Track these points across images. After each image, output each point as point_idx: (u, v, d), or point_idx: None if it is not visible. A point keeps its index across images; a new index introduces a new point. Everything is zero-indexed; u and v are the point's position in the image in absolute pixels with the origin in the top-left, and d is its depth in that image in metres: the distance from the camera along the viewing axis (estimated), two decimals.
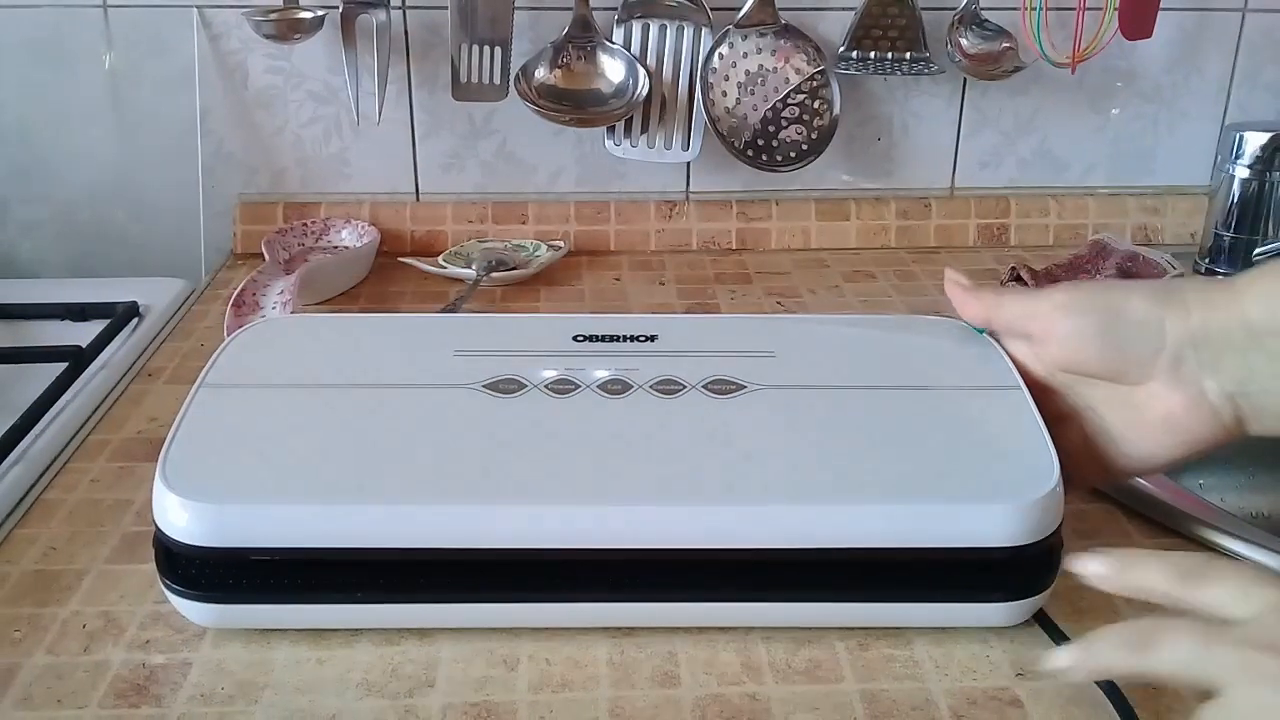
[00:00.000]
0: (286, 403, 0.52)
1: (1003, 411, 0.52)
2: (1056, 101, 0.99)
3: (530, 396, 0.52)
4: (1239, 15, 0.98)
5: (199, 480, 0.47)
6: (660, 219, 0.98)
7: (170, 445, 0.49)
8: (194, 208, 0.96)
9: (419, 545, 0.46)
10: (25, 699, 0.46)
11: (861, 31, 0.93)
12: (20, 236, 0.97)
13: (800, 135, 0.93)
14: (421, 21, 0.92)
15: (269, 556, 0.47)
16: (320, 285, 0.86)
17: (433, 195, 0.98)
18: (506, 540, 0.46)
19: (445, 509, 0.46)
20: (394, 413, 0.51)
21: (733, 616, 0.50)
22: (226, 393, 0.53)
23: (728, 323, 0.62)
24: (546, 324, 0.60)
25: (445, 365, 0.55)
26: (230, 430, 0.51)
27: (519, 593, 0.48)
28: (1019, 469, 0.48)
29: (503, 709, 0.46)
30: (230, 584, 0.48)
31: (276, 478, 0.47)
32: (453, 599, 0.48)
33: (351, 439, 0.50)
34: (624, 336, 0.57)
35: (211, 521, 0.46)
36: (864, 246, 0.99)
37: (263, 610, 0.49)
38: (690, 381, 0.53)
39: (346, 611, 0.49)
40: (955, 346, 0.57)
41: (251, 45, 0.92)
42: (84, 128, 0.94)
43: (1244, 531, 0.56)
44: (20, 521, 0.59)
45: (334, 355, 0.56)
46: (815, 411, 0.52)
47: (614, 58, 0.92)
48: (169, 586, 0.48)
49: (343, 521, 0.46)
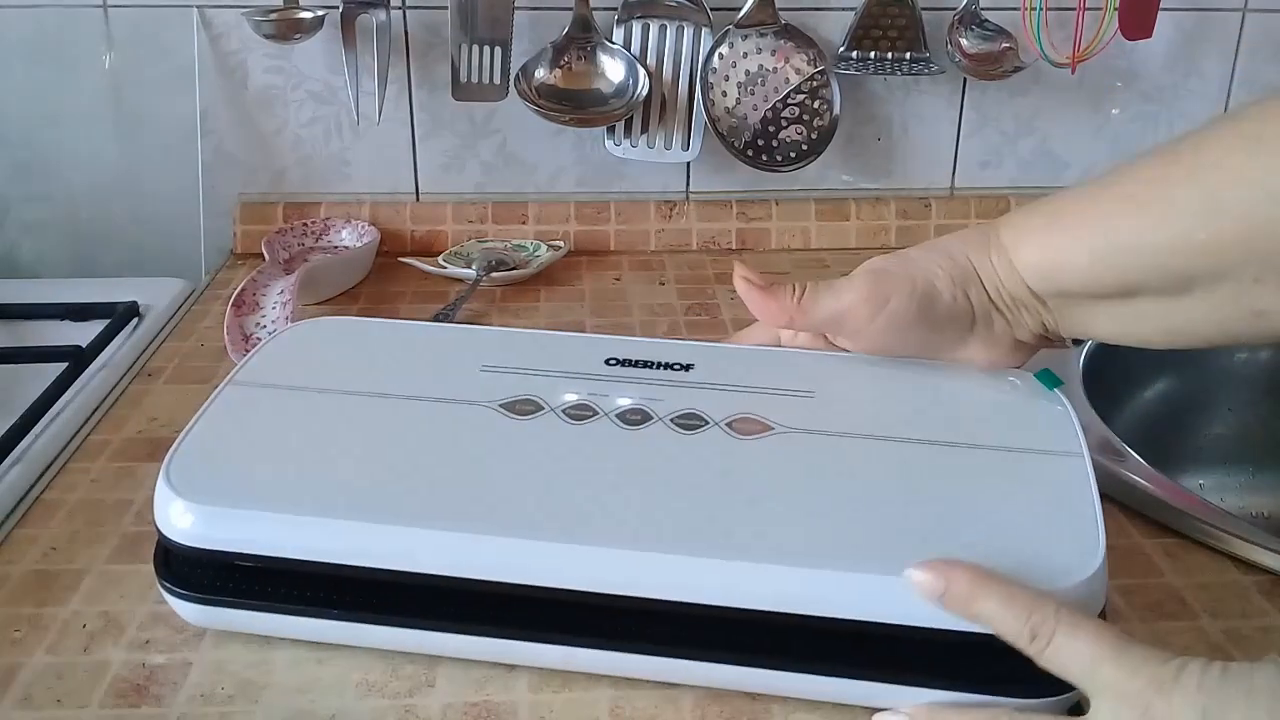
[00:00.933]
0: (304, 408, 0.52)
1: (1057, 481, 0.46)
2: (1057, 101, 0.99)
3: (544, 420, 0.50)
4: (1239, 15, 0.98)
5: (199, 480, 0.47)
6: (660, 219, 0.98)
7: (181, 442, 0.49)
8: (194, 208, 0.96)
9: (398, 568, 0.44)
10: (25, 699, 0.46)
11: (861, 31, 0.93)
12: (20, 236, 0.97)
13: (800, 135, 0.93)
14: (421, 21, 0.92)
15: (253, 564, 0.46)
16: (320, 285, 0.86)
17: (433, 195, 0.98)
18: (480, 571, 0.44)
19: (428, 534, 0.44)
20: (405, 427, 0.50)
21: (720, 678, 0.46)
22: (250, 393, 0.53)
23: (770, 355, 0.56)
24: (583, 343, 0.57)
25: (469, 380, 0.53)
26: (241, 432, 0.50)
27: (499, 626, 0.46)
28: (1061, 550, 0.43)
29: (503, 709, 0.46)
30: (220, 589, 0.47)
31: (267, 485, 0.47)
32: (431, 626, 0.46)
33: (358, 452, 0.49)
34: (658, 363, 0.54)
35: (202, 523, 0.46)
36: (864, 247, 0.99)
37: (254, 618, 0.48)
38: (714, 418, 0.50)
39: (329, 628, 0.47)
40: (1019, 401, 0.52)
41: (251, 45, 0.92)
42: (84, 128, 0.94)
43: (1244, 531, 0.56)
44: (20, 521, 0.59)
45: (366, 361, 0.56)
46: (841, 463, 0.48)
47: (614, 58, 0.92)
48: (165, 587, 0.48)
49: (323, 536, 0.45)
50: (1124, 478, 0.60)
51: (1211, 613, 0.52)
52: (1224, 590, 0.53)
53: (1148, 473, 0.60)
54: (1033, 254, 0.50)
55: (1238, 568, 0.55)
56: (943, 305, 0.51)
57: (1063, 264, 0.49)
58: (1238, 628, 0.51)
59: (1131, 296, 0.48)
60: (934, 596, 0.41)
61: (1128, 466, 0.61)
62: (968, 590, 0.40)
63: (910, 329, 0.52)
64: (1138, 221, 0.46)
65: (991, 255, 0.51)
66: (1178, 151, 0.46)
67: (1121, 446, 0.63)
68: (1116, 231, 0.47)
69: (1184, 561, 0.55)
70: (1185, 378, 0.86)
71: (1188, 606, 0.52)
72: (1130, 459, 0.62)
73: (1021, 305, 0.51)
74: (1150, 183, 0.46)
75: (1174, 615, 0.52)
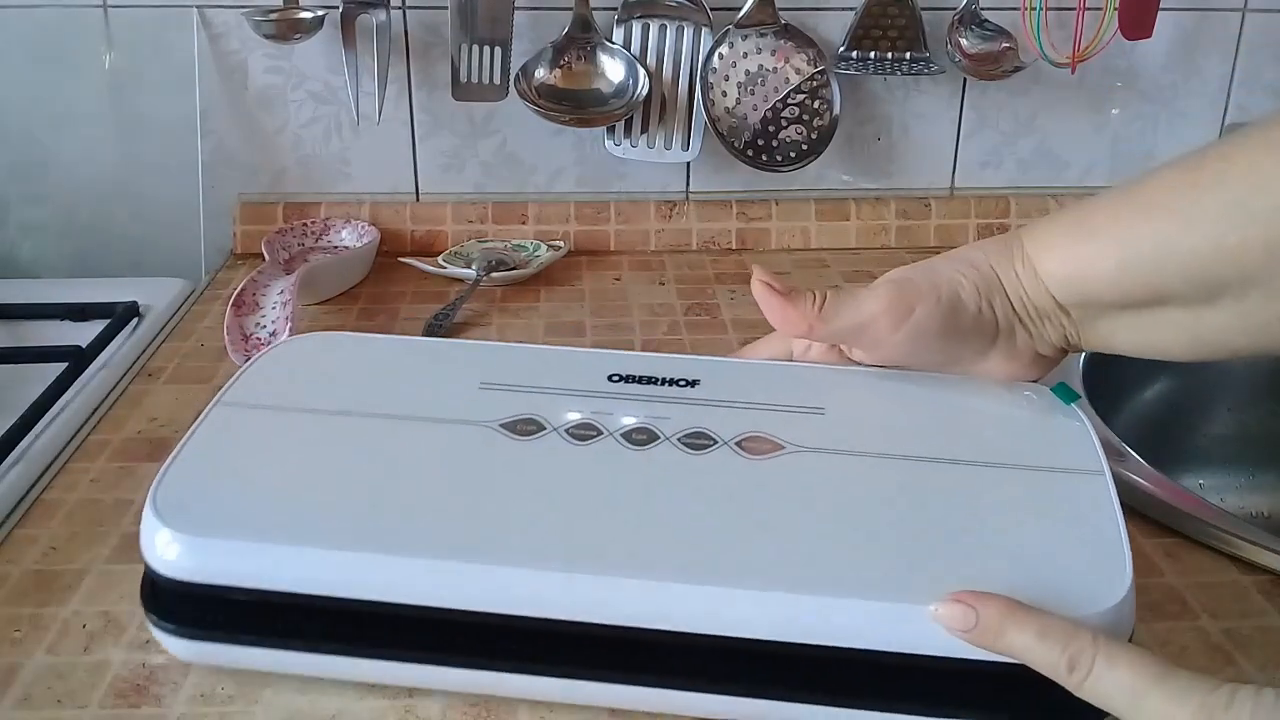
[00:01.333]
0: (296, 430, 0.49)
1: (1079, 501, 0.45)
2: (1056, 101, 0.99)
3: (547, 441, 0.48)
4: (1239, 15, 0.98)
5: (189, 509, 0.44)
6: (660, 219, 0.98)
7: (168, 468, 0.47)
8: (194, 208, 0.96)
9: (398, 600, 0.43)
10: (25, 699, 0.46)
11: (861, 31, 0.93)
12: (20, 236, 0.97)
13: (800, 135, 0.93)
14: (421, 21, 0.92)
15: (249, 597, 0.43)
16: (320, 285, 0.86)
17: (432, 195, 0.98)
18: (483, 603, 0.42)
19: (430, 564, 0.42)
20: (402, 450, 0.48)
21: (739, 712, 0.43)
22: (239, 414, 0.51)
23: (779, 371, 0.55)
24: (584, 359, 0.55)
25: (468, 398, 0.51)
26: (231, 457, 0.48)
27: (506, 660, 0.44)
28: (1086, 574, 0.41)
29: (503, 710, 0.46)
30: (213, 623, 0.45)
31: (261, 514, 0.44)
32: (435, 661, 0.44)
33: (354, 477, 0.47)
34: (663, 379, 0.52)
35: (193, 554, 0.43)
36: (864, 246, 0.99)
37: (249, 654, 0.45)
38: (723, 436, 0.48)
39: (329, 663, 0.45)
40: (1036, 416, 0.50)
41: (251, 45, 0.92)
42: (84, 128, 0.94)
43: (1244, 531, 0.56)
44: (20, 521, 0.59)
45: (360, 380, 0.54)
46: (856, 484, 0.46)
47: (614, 58, 0.92)
48: (152, 620, 0.46)
49: (323, 567, 0.43)
50: (1124, 478, 0.59)
51: (1211, 613, 0.52)
52: (1224, 590, 0.53)
53: (1148, 473, 0.60)
54: (1058, 263, 0.49)
55: (1238, 568, 0.55)
56: (968, 316, 0.50)
57: (1089, 273, 0.48)
58: (1238, 628, 0.51)
59: (1159, 305, 0.47)
60: (963, 631, 0.39)
61: (1128, 466, 0.61)
62: (998, 623, 0.39)
63: (934, 340, 0.51)
64: (1166, 227, 0.45)
65: (1016, 265, 0.50)
66: (1203, 158, 0.45)
67: (1121, 446, 0.63)
68: (1143, 239, 0.46)
69: (1184, 561, 0.55)
70: (1185, 378, 0.86)
71: (1188, 607, 0.52)
72: (1130, 459, 0.62)
73: (1045, 316, 0.50)
74: (1177, 189, 0.45)
75: (1174, 615, 0.52)
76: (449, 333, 0.81)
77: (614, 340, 0.81)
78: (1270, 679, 0.48)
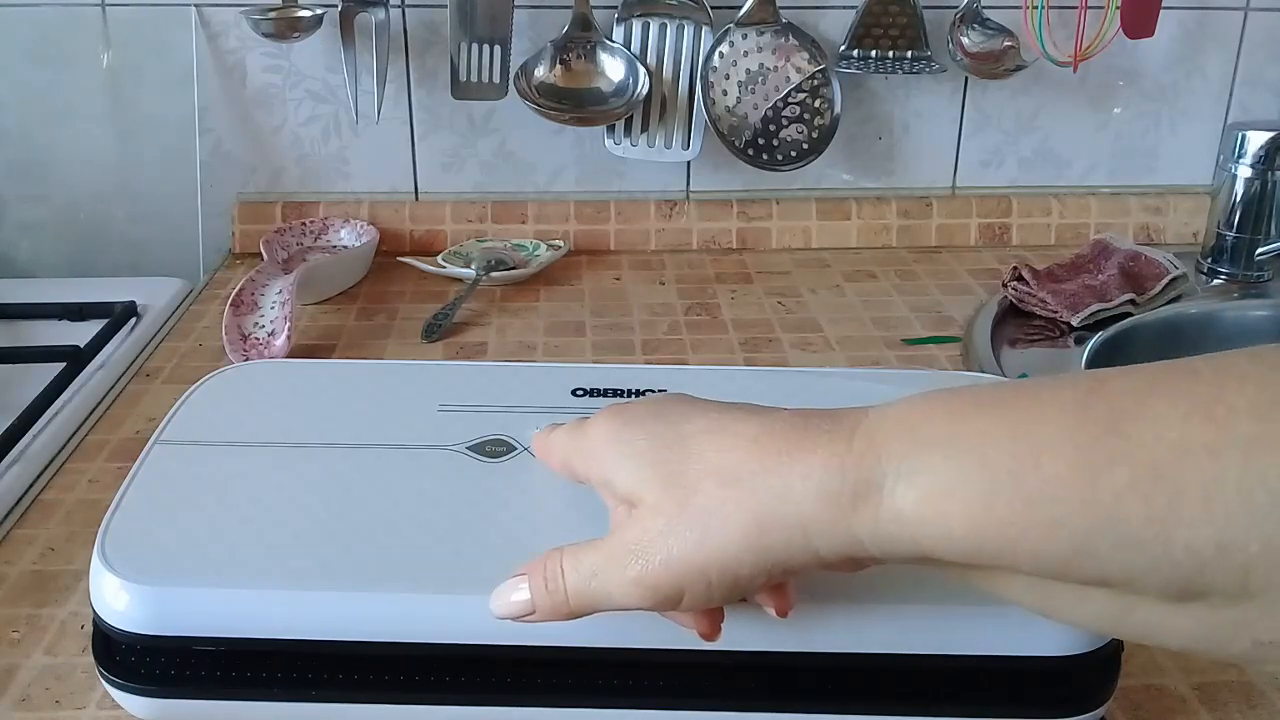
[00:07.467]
0: (246, 465, 0.46)
1: None
2: (1058, 100, 0.99)
3: (519, 461, 0.46)
4: (1241, 14, 0.98)
5: (140, 557, 0.41)
6: (660, 218, 0.98)
7: (113, 514, 0.43)
8: (192, 207, 0.95)
9: (373, 639, 0.40)
10: (24, 699, 0.46)
11: (862, 30, 0.93)
12: (19, 236, 0.97)
13: (801, 134, 0.93)
14: (421, 20, 0.92)
15: (213, 647, 0.41)
16: (319, 285, 0.86)
17: (432, 194, 0.98)
18: (471, 636, 0.40)
19: (411, 598, 0.40)
20: (366, 479, 0.46)
21: None
22: (181, 452, 0.47)
23: (744, 375, 0.54)
24: (544, 374, 0.54)
25: (428, 422, 0.49)
26: (179, 498, 0.45)
27: (495, 694, 0.41)
28: None
29: None
30: (175, 678, 0.42)
31: (216, 557, 0.41)
32: (417, 700, 0.42)
33: (317, 510, 0.44)
34: (628, 391, 0.51)
35: (148, 604, 0.40)
36: (865, 246, 0.99)
37: (216, 708, 0.42)
38: None
39: (299, 710, 0.42)
40: None
41: (250, 44, 0.92)
42: (83, 127, 0.94)
43: None
44: (19, 521, 0.58)
45: (308, 408, 0.51)
46: None
47: (614, 56, 0.91)
48: (104, 675, 0.42)
49: (291, 610, 0.40)
50: None
51: None
52: None
53: None
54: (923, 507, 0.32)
55: None
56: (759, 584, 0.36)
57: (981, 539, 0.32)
58: None
59: None
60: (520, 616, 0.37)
61: None
62: None
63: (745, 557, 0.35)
64: None
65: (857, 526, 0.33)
66: None
67: None
68: None
69: None
70: None
71: None
72: None
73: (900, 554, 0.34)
74: None
75: None
76: (448, 332, 0.81)
77: (614, 340, 0.80)
78: (1271, 679, 0.48)
